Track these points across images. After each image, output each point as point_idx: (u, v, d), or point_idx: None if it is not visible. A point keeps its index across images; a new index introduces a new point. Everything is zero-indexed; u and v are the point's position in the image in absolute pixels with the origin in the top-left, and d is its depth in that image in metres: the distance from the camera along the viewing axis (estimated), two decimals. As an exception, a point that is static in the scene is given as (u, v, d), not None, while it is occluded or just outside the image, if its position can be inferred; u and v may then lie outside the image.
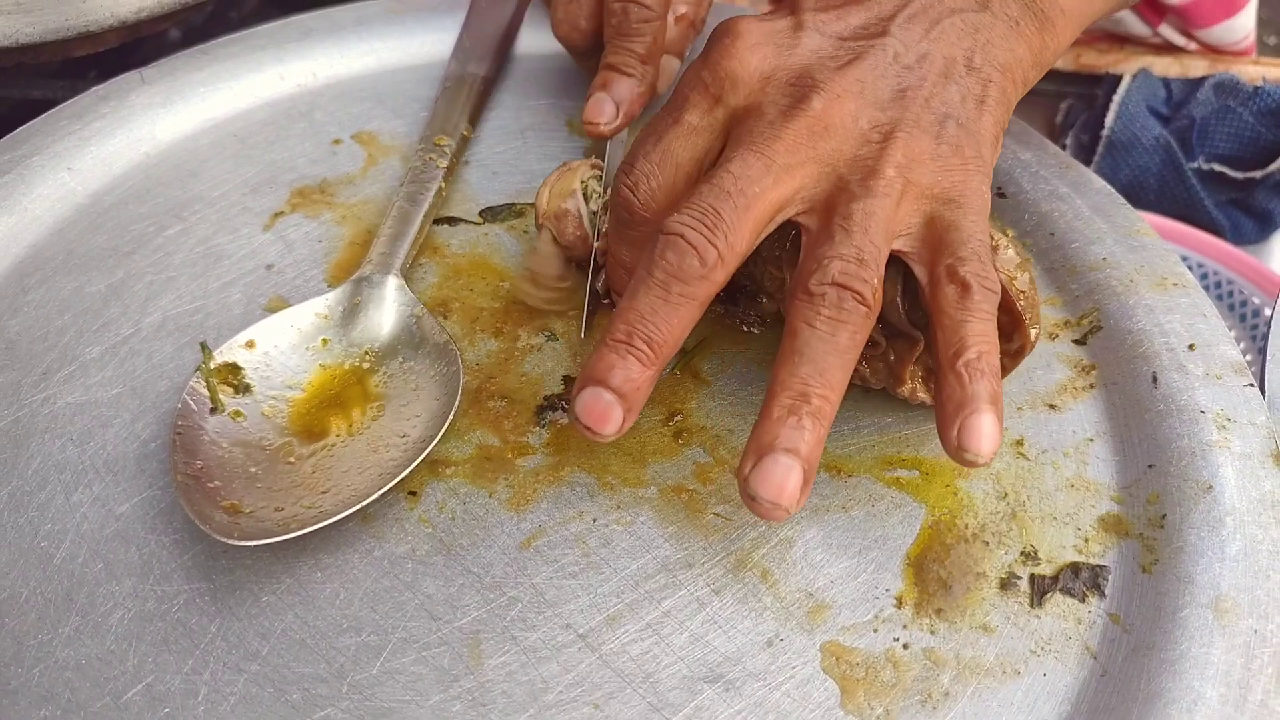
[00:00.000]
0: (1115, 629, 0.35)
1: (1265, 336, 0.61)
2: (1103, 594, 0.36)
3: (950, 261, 0.35)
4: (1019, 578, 0.36)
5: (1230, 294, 0.67)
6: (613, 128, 0.48)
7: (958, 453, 0.33)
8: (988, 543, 0.37)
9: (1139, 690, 0.33)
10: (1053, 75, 0.62)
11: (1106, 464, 0.39)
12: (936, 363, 0.35)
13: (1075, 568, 0.36)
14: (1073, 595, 0.36)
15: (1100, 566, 0.36)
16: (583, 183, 0.45)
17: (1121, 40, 0.79)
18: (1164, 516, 0.37)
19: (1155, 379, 0.41)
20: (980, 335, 0.34)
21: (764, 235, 0.36)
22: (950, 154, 0.36)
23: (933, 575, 0.36)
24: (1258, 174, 0.74)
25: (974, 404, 0.33)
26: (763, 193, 0.35)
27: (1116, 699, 0.33)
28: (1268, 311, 0.66)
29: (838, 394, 0.33)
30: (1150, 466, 0.39)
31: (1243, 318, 0.67)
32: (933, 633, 0.35)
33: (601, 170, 0.46)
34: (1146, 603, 0.35)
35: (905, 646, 0.35)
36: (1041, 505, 0.38)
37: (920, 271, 0.36)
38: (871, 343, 0.39)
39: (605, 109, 0.47)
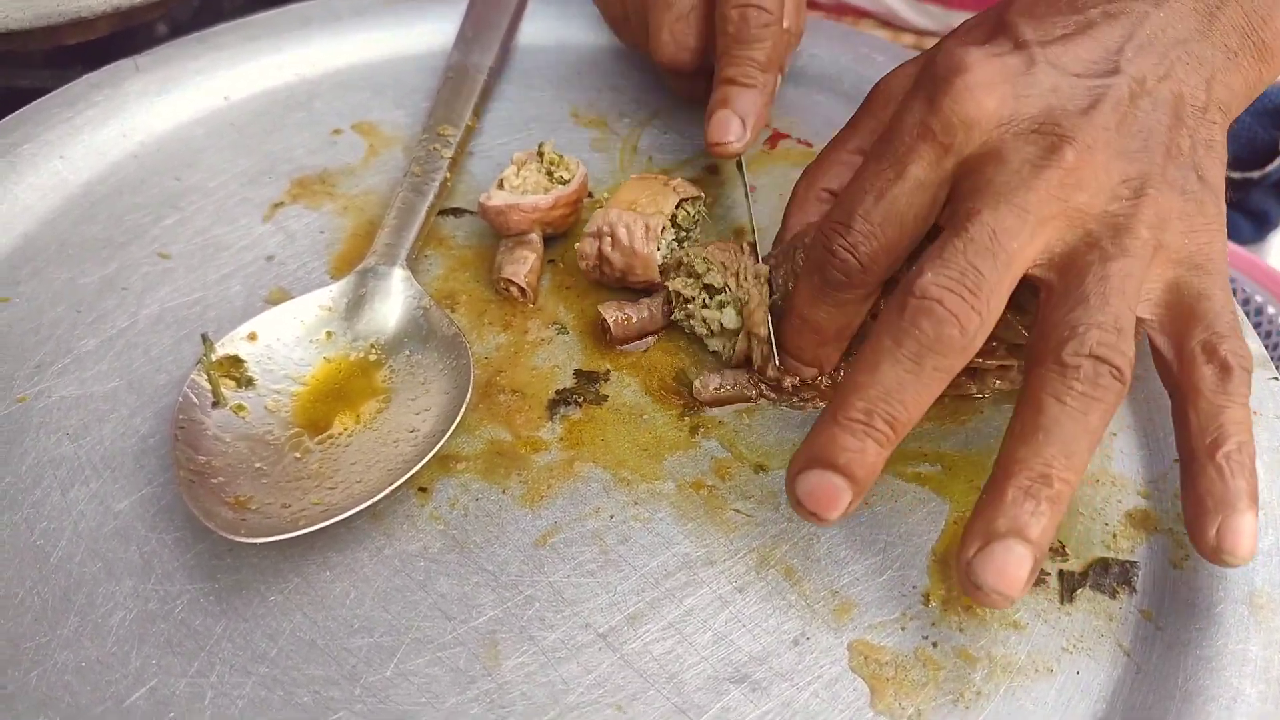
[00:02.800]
0: (1148, 625, 0.34)
1: (1272, 334, 0.61)
2: (1134, 590, 0.35)
3: (1206, 337, 0.33)
4: (1048, 574, 0.35)
5: (1234, 292, 0.67)
6: (743, 145, 0.45)
7: (1214, 553, 0.31)
8: (1015, 538, 0.36)
9: (1176, 688, 0.32)
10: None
11: (1132, 458, 0.39)
12: (1188, 448, 0.32)
13: (1105, 563, 0.36)
14: (1103, 591, 0.35)
15: (1130, 562, 0.36)
16: (676, 213, 0.44)
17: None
18: (1193, 511, 0.37)
19: (1177, 373, 0.40)
20: (1240, 424, 0.32)
21: None
22: (1196, 212, 0.34)
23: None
24: (1255, 174, 0.75)
25: (1236, 503, 0.31)
26: (1020, 249, 0.32)
27: (1153, 697, 0.32)
28: (1271, 310, 0.65)
29: (1079, 477, 0.31)
30: (1176, 460, 0.38)
31: (1245, 315, 0.66)
32: (962, 630, 0.34)
33: (690, 195, 0.44)
34: (1179, 599, 0.34)
35: (935, 644, 0.34)
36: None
37: (1164, 343, 0.34)
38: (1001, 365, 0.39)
39: (732, 126, 0.45)
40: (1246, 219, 0.78)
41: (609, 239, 0.42)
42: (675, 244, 0.44)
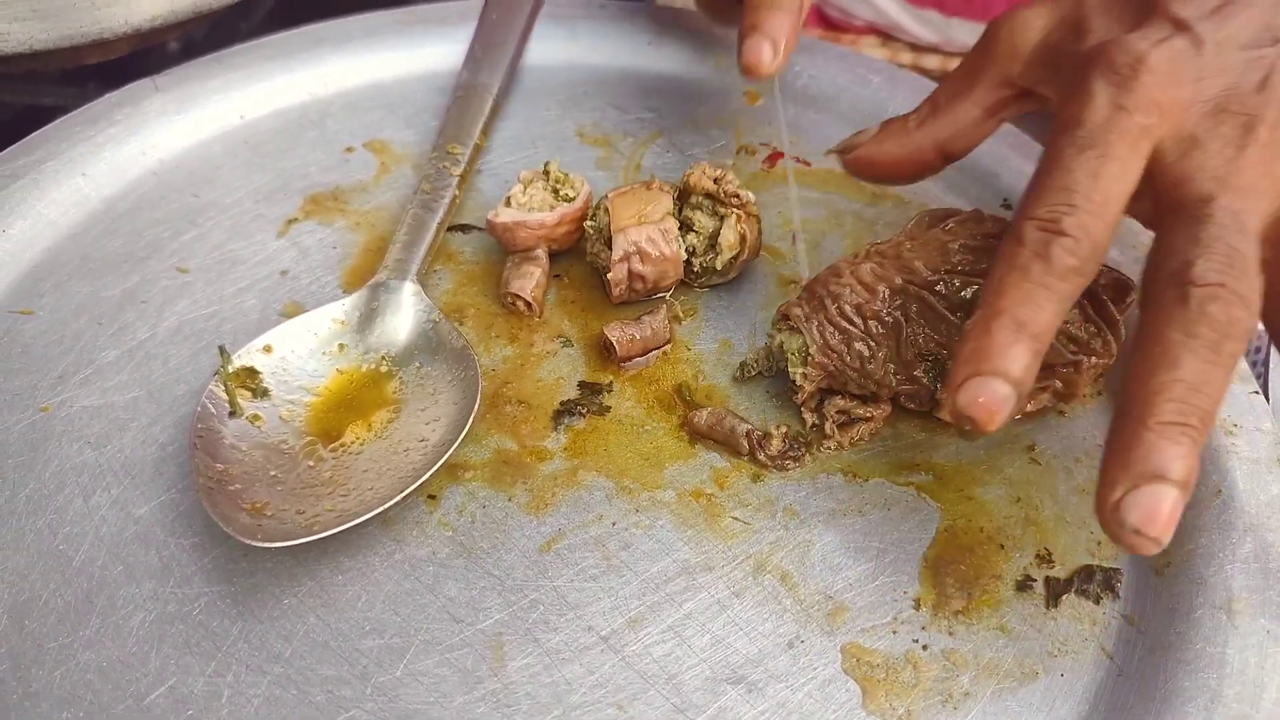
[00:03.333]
0: (1130, 630, 0.35)
1: (1262, 349, 0.62)
2: (1116, 595, 0.36)
3: None
4: (1034, 580, 0.37)
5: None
6: (774, 66, 0.45)
7: None
8: (1003, 546, 0.38)
9: (1156, 689, 0.33)
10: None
11: (1117, 469, 0.40)
12: None
13: (1089, 570, 0.37)
14: (1087, 597, 0.36)
15: (1113, 569, 0.37)
16: (682, 215, 0.45)
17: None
18: (1175, 520, 0.38)
19: (1163, 386, 0.41)
20: None
21: None
22: None
23: (950, 577, 0.37)
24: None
25: None
26: (1256, 228, 0.33)
27: (1134, 698, 0.33)
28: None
29: (1217, 408, 0.30)
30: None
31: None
32: (951, 634, 0.35)
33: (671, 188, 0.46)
34: (1160, 604, 0.36)
35: (925, 648, 0.35)
36: (1054, 509, 0.39)
37: None
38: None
39: (763, 49, 0.45)
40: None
41: (637, 256, 0.44)
42: (682, 236, 0.45)
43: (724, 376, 0.43)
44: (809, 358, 0.40)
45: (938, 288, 0.39)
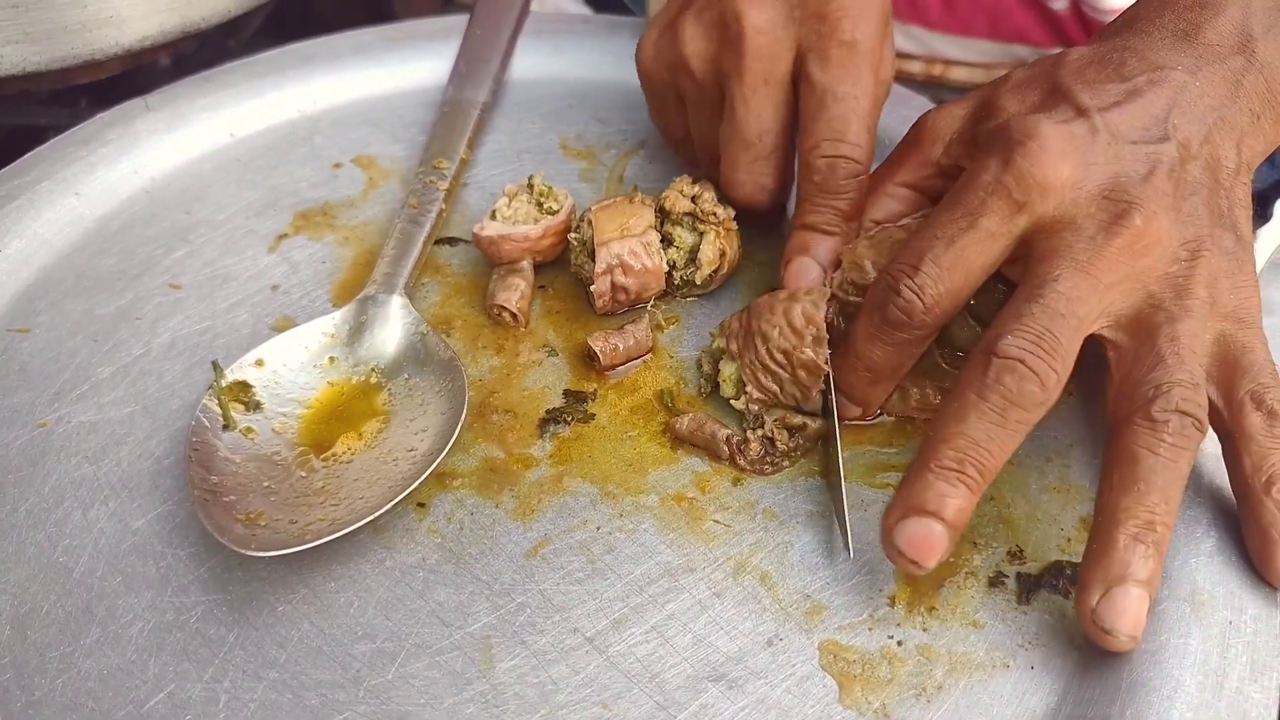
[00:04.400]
0: (1098, 623, 0.37)
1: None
2: (1086, 590, 0.37)
3: (1253, 387, 0.35)
4: (1006, 576, 0.38)
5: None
6: None
7: (1278, 577, 0.36)
8: (976, 543, 0.39)
9: (1122, 680, 0.34)
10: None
11: (1087, 467, 0.41)
12: (1245, 487, 0.36)
13: (1059, 566, 0.38)
14: (1057, 592, 0.37)
15: (1083, 565, 0.38)
16: (663, 229, 0.46)
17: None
18: (1142, 516, 0.39)
19: (1131, 386, 0.43)
20: None
21: None
22: (1237, 270, 0.37)
23: (924, 575, 0.38)
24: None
25: None
26: (1089, 313, 0.35)
27: (1100, 688, 0.34)
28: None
29: (1175, 518, 0.34)
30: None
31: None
32: (925, 630, 0.36)
33: (655, 205, 0.47)
34: (1127, 598, 0.37)
35: (899, 643, 0.36)
36: (1026, 507, 0.40)
37: (1214, 392, 0.36)
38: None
39: (810, 273, 0.44)
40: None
41: (620, 269, 0.45)
42: (662, 247, 0.46)
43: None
44: (747, 393, 0.41)
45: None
